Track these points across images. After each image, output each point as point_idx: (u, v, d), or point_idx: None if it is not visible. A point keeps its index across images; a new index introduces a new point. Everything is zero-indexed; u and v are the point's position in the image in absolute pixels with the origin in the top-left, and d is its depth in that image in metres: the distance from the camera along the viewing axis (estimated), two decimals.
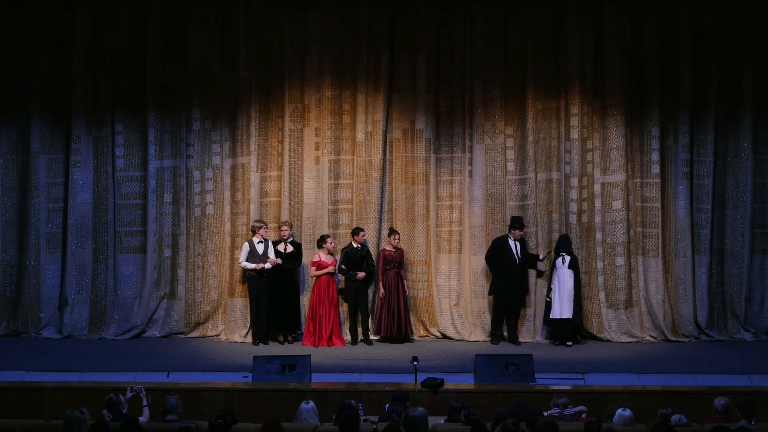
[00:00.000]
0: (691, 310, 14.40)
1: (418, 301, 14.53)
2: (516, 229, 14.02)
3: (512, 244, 14.03)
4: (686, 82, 14.35)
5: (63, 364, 12.53)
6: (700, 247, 14.47)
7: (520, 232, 14.05)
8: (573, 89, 14.39)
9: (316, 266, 13.96)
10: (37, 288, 14.39)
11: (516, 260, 14.01)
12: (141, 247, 14.34)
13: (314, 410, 9.16)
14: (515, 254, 14.01)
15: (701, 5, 14.32)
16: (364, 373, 12.09)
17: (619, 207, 14.30)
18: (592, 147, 14.43)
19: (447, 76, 14.48)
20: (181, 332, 14.45)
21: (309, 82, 14.44)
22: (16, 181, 14.46)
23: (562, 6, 14.37)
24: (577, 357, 13.22)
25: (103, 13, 14.28)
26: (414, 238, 14.53)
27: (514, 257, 14.01)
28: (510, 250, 14.02)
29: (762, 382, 11.76)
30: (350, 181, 14.46)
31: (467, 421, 8.72)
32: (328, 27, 14.38)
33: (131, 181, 14.41)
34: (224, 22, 14.38)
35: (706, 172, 14.45)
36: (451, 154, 14.55)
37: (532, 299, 14.40)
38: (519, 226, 14.05)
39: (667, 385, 11.69)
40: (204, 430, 8.40)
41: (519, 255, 14.03)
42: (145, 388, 9.83)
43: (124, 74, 14.35)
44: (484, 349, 13.57)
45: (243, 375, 11.78)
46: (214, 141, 14.50)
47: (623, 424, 8.90)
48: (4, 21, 14.32)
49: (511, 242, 14.03)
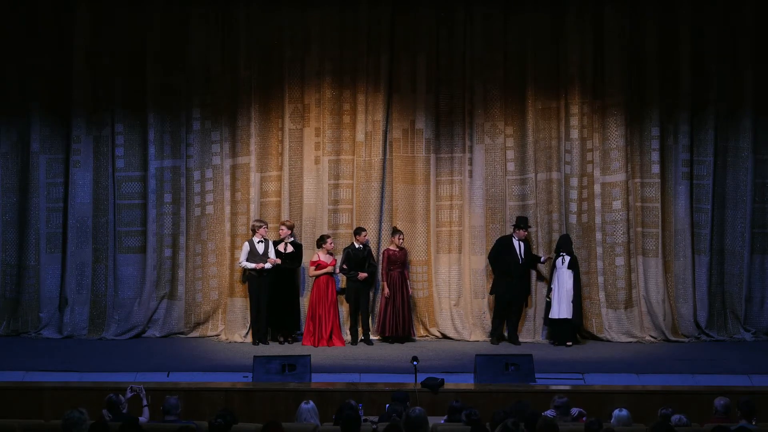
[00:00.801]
0: (691, 310, 14.40)
1: (418, 301, 14.53)
2: (521, 229, 14.02)
3: (516, 244, 14.03)
4: (686, 82, 14.35)
5: (63, 364, 12.52)
6: (700, 247, 14.47)
7: (524, 232, 14.04)
8: (573, 89, 14.39)
9: (315, 266, 13.96)
10: (37, 288, 14.39)
11: (519, 260, 14.01)
12: (141, 247, 14.35)
13: (314, 410, 9.16)
14: (518, 254, 14.01)
15: (701, 5, 14.32)
16: (364, 373, 12.09)
17: (619, 207, 14.30)
18: (592, 147, 14.43)
19: (447, 76, 14.48)
20: (181, 332, 14.45)
21: (309, 82, 14.45)
22: (16, 181, 14.46)
23: (562, 6, 14.37)
24: (577, 357, 13.22)
25: (103, 13, 14.28)
26: (414, 238, 14.52)
27: (518, 257, 14.00)
28: (513, 250, 14.01)
29: (762, 382, 11.75)
30: (350, 181, 14.46)
31: (468, 421, 8.71)
32: (328, 27, 14.38)
33: (131, 181, 14.41)
34: (224, 22, 14.38)
35: (706, 172, 14.45)
36: (451, 154, 14.55)
37: (532, 299, 14.40)
38: (524, 226, 14.04)
39: (667, 385, 11.68)
40: (204, 430, 8.40)
41: (522, 255, 14.02)
42: (145, 388, 9.83)
43: (124, 74, 14.35)
44: (484, 349, 13.56)
45: (243, 375, 11.77)
46: (214, 141, 14.50)
47: (622, 425, 8.90)
48: (4, 21, 14.32)
49: (515, 242, 14.03)
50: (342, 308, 14.20)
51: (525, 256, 14.05)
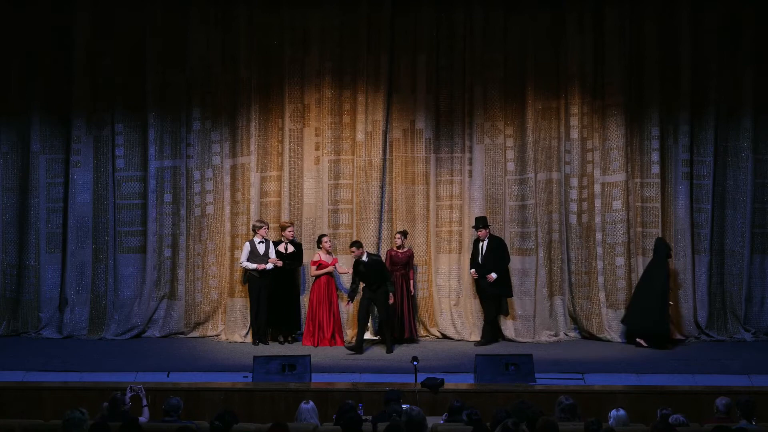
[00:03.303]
0: (691, 310, 14.40)
1: (418, 301, 14.52)
2: (476, 229, 13.98)
3: (479, 245, 14.02)
4: (686, 82, 14.35)
5: (63, 364, 12.53)
6: (700, 247, 14.46)
7: (484, 232, 13.98)
8: (573, 89, 14.39)
9: (316, 266, 13.95)
10: (37, 288, 14.39)
11: (479, 260, 13.99)
12: (141, 247, 14.35)
13: (314, 410, 9.17)
14: (480, 255, 13.99)
15: (701, 5, 14.32)
16: (364, 373, 12.09)
17: (619, 207, 14.30)
18: (592, 147, 14.43)
19: (447, 76, 14.48)
20: (181, 332, 14.45)
21: (309, 82, 14.44)
22: (16, 181, 14.46)
23: (562, 6, 14.36)
24: (577, 357, 13.22)
25: (103, 13, 14.28)
26: (414, 238, 14.52)
27: (478, 258, 14.00)
28: (476, 251, 14.02)
29: (762, 382, 11.75)
30: (350, 181, 14.46)
31: (470, 421, 8.71)
32: (328, 27, 14.38)
33: (131, 181, 14.42)
34: (224, 22, 14.38)
35: (706, 172, 14.45)
36: (451, 154, 14.55)
37: (532, 299, 14.38)
38: (478, 226, 13.98)
39: (667, 385, 11.68)
40: (204, 430, 8.40)
41: (483, 255, 13.98)
42: (145, 388, 9.84)
43: (124, 74, 14.35)
44: (484, 349, 13.56)
45: (243, 375, 11.78)
46: (214, 141, 14.50)
47: (621, 425, 8.90)
48: (4, 21, 14.32)
49: (480, 243, 14.02)
50: (342, 308, 14.17)
51: (486, 256, 13.95)
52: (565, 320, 14.52)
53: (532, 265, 14.42)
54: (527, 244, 14.44)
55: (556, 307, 14.49)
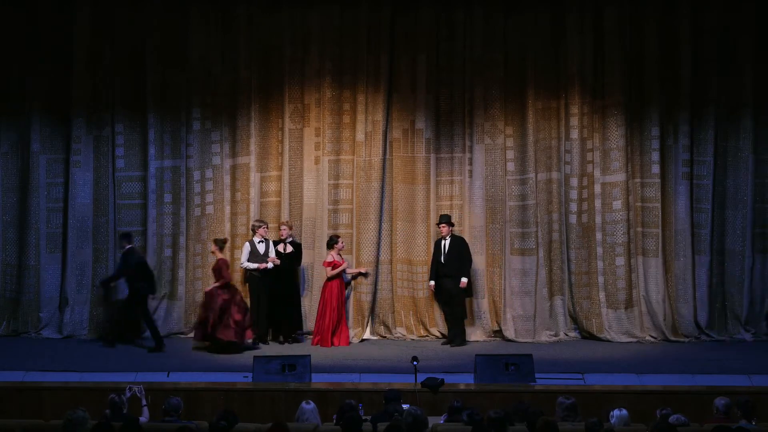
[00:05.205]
0: (691, 310, 14.40)
1: (419, 301, 14.52)
2: (438, 224, 13.98)
3: (442, 244, 14.00)
4: (686, 82, 14.35)
5: (63, 364, 12.53)
6: (700, 247, 14.46)
7: (445, 229, 13.95)
8: (573, 89, 14.39)
9: (331, 266, 13.90)
10: (37, 288, 14.38)
11: (441, 259, 13.98)
12: (141, 247, 14.31)
13: (315, 410, 9.17)
14: (442, 254, 13.98)
15: (701, 5, 14.32)
16: (364, 373, 12.10)
17: (619, 207, 14.30)
18: (592, 147, 14.43)
19: (447, 76, 14.47)
20: (181, 332, 14.44)
21: (309, 82, 14.44)
22: (16, 181, 14.46)
23: (562, 6, 14.36)
24: (577, 357, 13.22)
25: (103, 13, 14.28)
26: (414, 238, 14.52)
27: (440, 257, 13.99)
28: (439, 250, 14.01)
29: (762, 382, 11.75)
30: (350, 181, 14.46)
31: (470, 421, 8.71)
32: (328, 27, 14.38)
33: (131, 181, 14.42)
34: (224, 22, 14.39)
35: (706, 172, 14.45)
36: (451, 154, 14.55)
37: (532, 299, 14.38)
38: (442, 222, 13.95)
39: (667, 385, 11.70)
40: (204, 430, 8.40)
41: (445, 254, 13.97)
42: (145, 388, 9.84)
43: (124, 74, 14.35)
44: (484, 349, 13.57)
45: (243, 375, 11.78)
46: (214, 141, 14.50)
47: (623, 425, 8.90)
48: (5, 21, 14.32)
49: (442, 241, 14.00)
50: (350, 308, 14.20)
51: (448, 256, 13.92)
52: (565, 320, 14.52)
53: (533, 265, 14.42)
54: (527, 244, 14.44)
55: (556, 307, 14.49)
